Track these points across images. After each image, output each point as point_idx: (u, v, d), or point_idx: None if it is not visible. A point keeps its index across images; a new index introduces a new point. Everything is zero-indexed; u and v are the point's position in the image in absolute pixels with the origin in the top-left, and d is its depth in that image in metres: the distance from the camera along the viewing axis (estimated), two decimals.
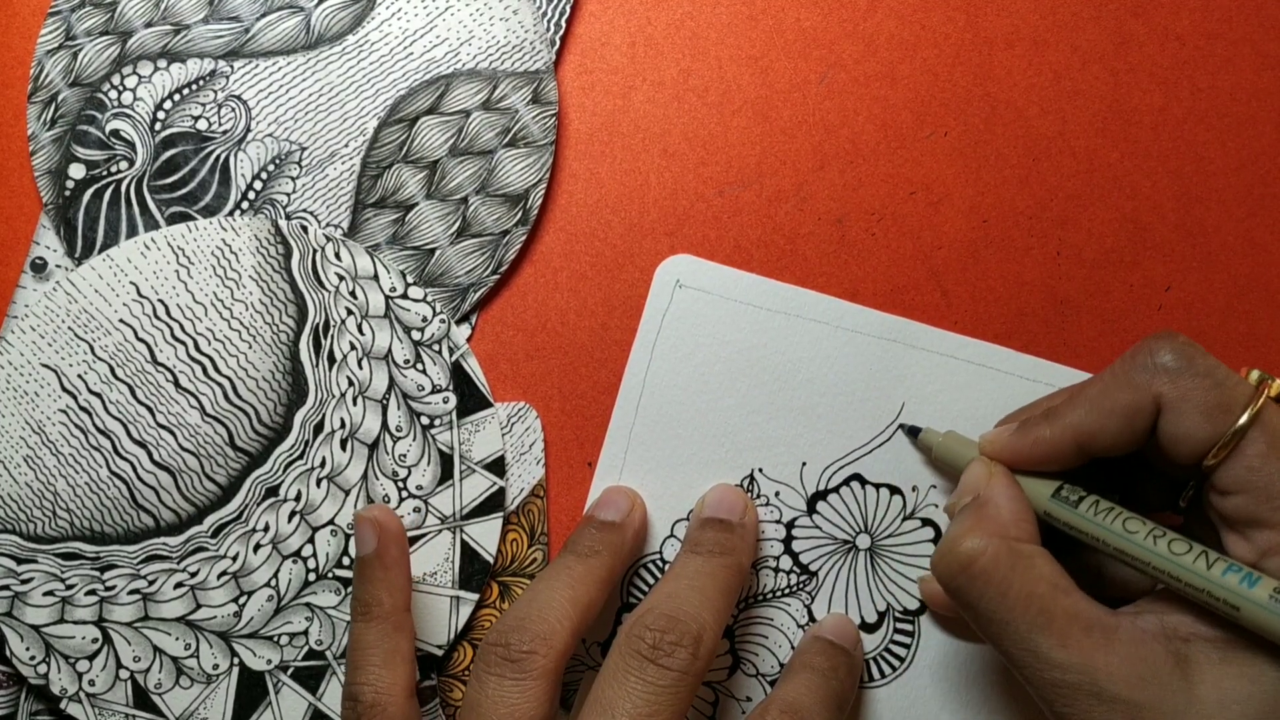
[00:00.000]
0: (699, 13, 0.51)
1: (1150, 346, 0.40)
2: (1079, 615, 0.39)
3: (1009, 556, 0.39)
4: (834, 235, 0.50)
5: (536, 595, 0.44)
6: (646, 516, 0.49)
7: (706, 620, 0.42)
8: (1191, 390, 0.39)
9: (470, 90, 0.50)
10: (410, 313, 0.50)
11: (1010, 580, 0.39)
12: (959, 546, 0.40)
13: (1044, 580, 0.39)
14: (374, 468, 0.49)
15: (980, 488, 0.42)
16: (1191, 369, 0.39)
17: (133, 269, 0.50)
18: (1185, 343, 0.40)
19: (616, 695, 0.40)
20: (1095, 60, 0.51)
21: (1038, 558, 0.40)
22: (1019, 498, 0.42)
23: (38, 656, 0.48)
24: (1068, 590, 0.39)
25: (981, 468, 0.43)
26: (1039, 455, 0.42)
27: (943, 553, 0.41)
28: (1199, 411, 0.39)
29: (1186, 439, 0.39)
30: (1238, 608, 0.37)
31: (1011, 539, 0.40)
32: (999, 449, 0.43)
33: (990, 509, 0.41)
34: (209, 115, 0.50)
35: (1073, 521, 0.41)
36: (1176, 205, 0.50)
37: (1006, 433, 0.43)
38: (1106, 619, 0.39)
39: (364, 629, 0.45)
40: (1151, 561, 0.39)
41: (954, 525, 0.42)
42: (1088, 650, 0.38)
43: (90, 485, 0.49)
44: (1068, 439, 0.41)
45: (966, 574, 0.40)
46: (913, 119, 0.50)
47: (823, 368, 0.49)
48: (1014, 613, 0.39)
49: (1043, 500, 0.42)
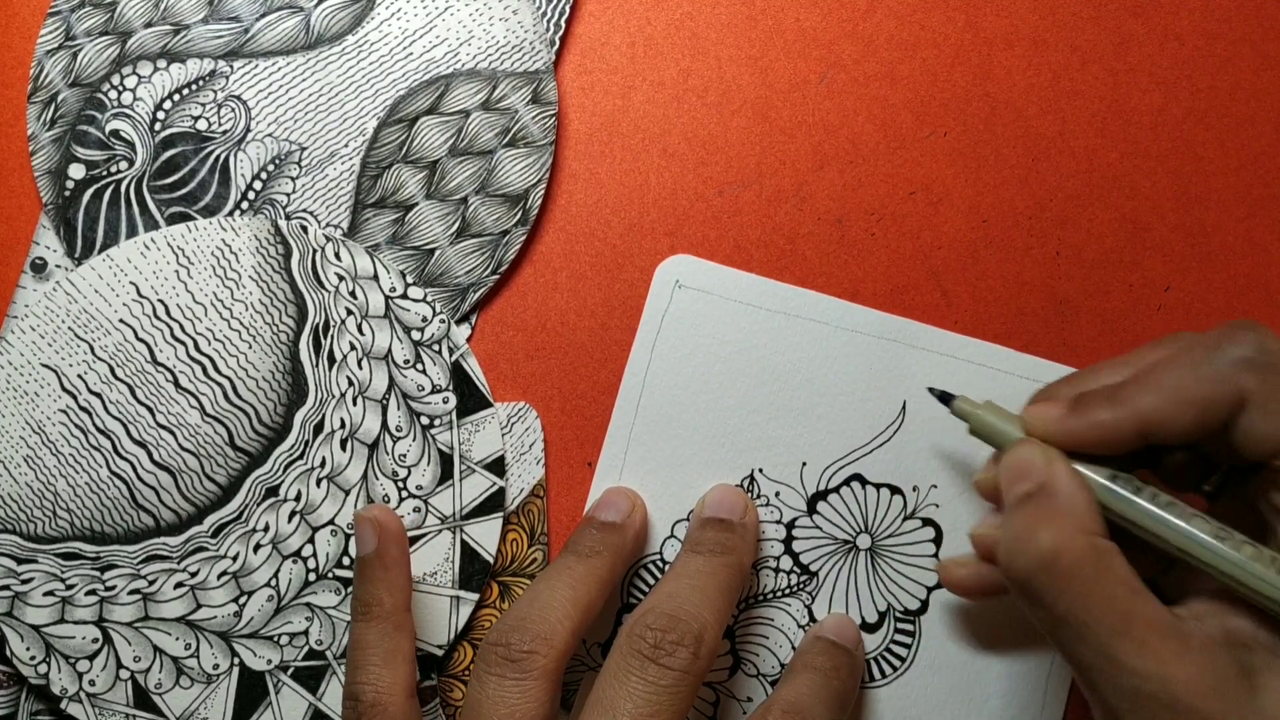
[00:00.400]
0: (699, 13, 0.51)
1: (1233, 336, 0.37)
2: (1156, 621, 0.36)
3: (1093, 555, 0.37)
4: (834, 235, 0.50)
5: (537, 595, 0.44)
6: (647, 518, 0.49)
7: (708, 620, 0.42)
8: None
9: (470, 90, 0.50)
10: (410, 313, 0.50)
11: (1095, 581, 0.36)
12: (1037, 540, 0.37)
13: (1123, 582, 0.36)
14: (374, 468, 0.49)
15: (1039, 475, 0.39)
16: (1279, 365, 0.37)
17: (133, 269, 0.50)
18: (1268, 334, 0.37)
19: (617, 695, 0.40)
20: (1095, 60, 0.51)
21: (1115, 556, 0.37)
22: (1085, 488, 0.39)
23: (38, 656, 0.48)
24: (1141, 592, 0.36)
25: (1037, 451, 0.40)
26: (1095, 439, 0.39)
27: (1016, 546, 0.37)
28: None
29: (1269, 438, 0.37)
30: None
31: (1092, 534, 0.37)
32: (1049, 429, 0.40)
33: (1062, 500, 0.38)
34: (209, 115, 0.50)
35: (1130, 514, 0.38)
36: (1176, 205, 0.50)
37: (1055, 411, 0.40)
38: (1180, 625, 0.36)
39: (364, 629, 0.45)
40: (1217, 565, 0.37)
41: (1019, 516, 0.38)
42: (1165, 659, 0.35)
43: (90, 485, 0.49)
44: (1132, 425, 0.38)
45: (1048, 572, 0.37)
46: (912, 119, 0.50)
47: (822, 368, 0.49)
48: (1094, 615, 0.36)
49: (1098, 487, 0.39)
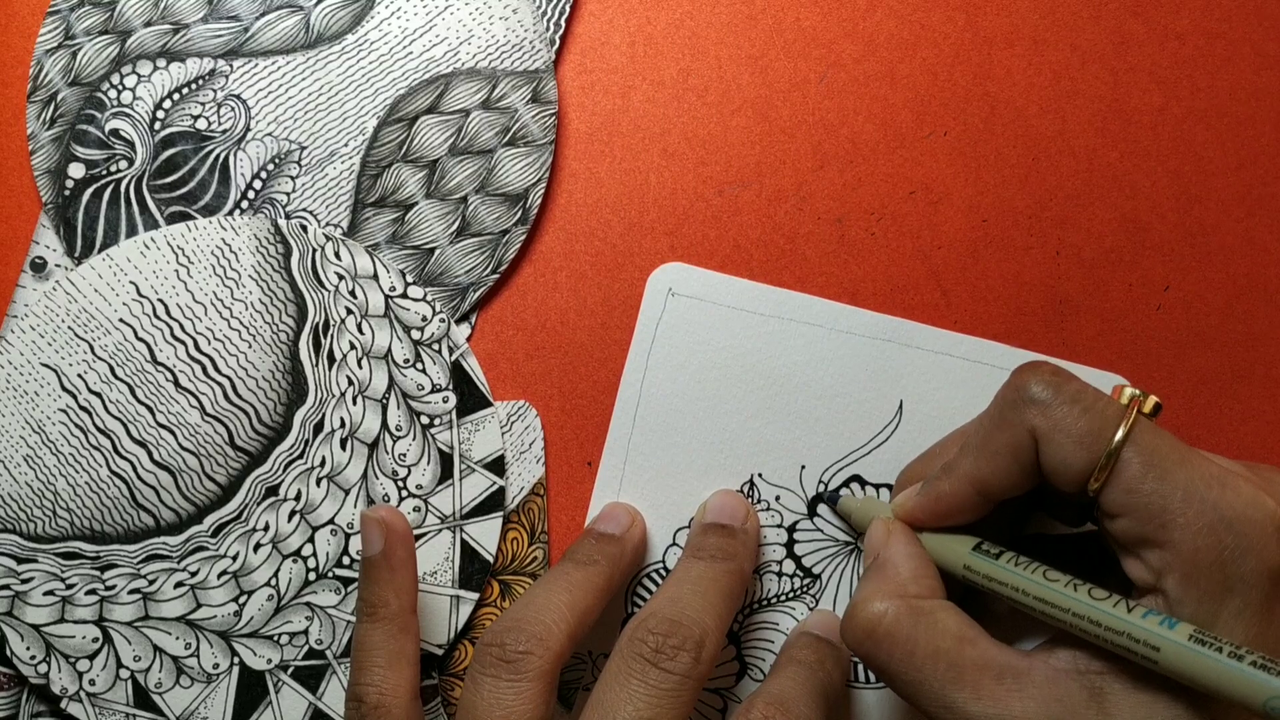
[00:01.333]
0: (698, 12, 0.51)
1: (1018, 381, 0.40)
2: (989, 664, 0.38)
3: (910, 615, 0.39)
4: (833, 235, 0.50)
5: (533, 598, 0.44)
6: (646, 534, 0.49)
7: (709, 625, 0.42)
8: (1062, 419, 0.38)
9: (470, 89, 0.50)
10: (410, 312, 0.50)
11: (915, 639, 0.39)
12: (860, 612, 0.40)
13: (949, 634, 0.39)
14: (374, 467, 0.49)
15: (879, 548, 0.42)
16: (1060, 397, 0.39)
17: (132, 268, 0.50)
18: (1052, 371, 0.39)
19: (618, 698, 0.40)
20: (1095, 60, 0.51)
21: (940, 612, 0.40)
22: (917, 554, 0.42)
23: (38, 656, 0.49)
24: (974, 640, 0.39)
25: (880, 528, 0.43)
26: (945, 510, 0.42)
27: (847, 620, 0.41)
28: (1072, 440, 0.38)
29: (1065, 469, 0.38)
30: (1158, 649, 0.36)
31: (911, 597, 0.40)
32: (909, 511, 0.43)
33: (889, 569, 0.41)
34: (208, 114, 0.50)
35: (993, 574, 0.40)
36: (1176, 205, 0.50)
37: (913, 493, 0.43)
38: (1018, 663, 0.38)
39: (369, 630, 0.45)
40: (1072, 608, 0.38)
41: (857, 590, 0.42)
42: (1001, 698, 0.37)
43: (90, 485, 0.49)
44: (966, 489, 0.41)
45: (872, 639, 0.40)
46: (912, 118, 0.50)
47: (818, 370, 0.49)
48: (923, 671, 0.38)
49: (963, 556, 0.41)
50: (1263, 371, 0.49)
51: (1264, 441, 0.49)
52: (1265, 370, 0.49)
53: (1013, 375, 0.40)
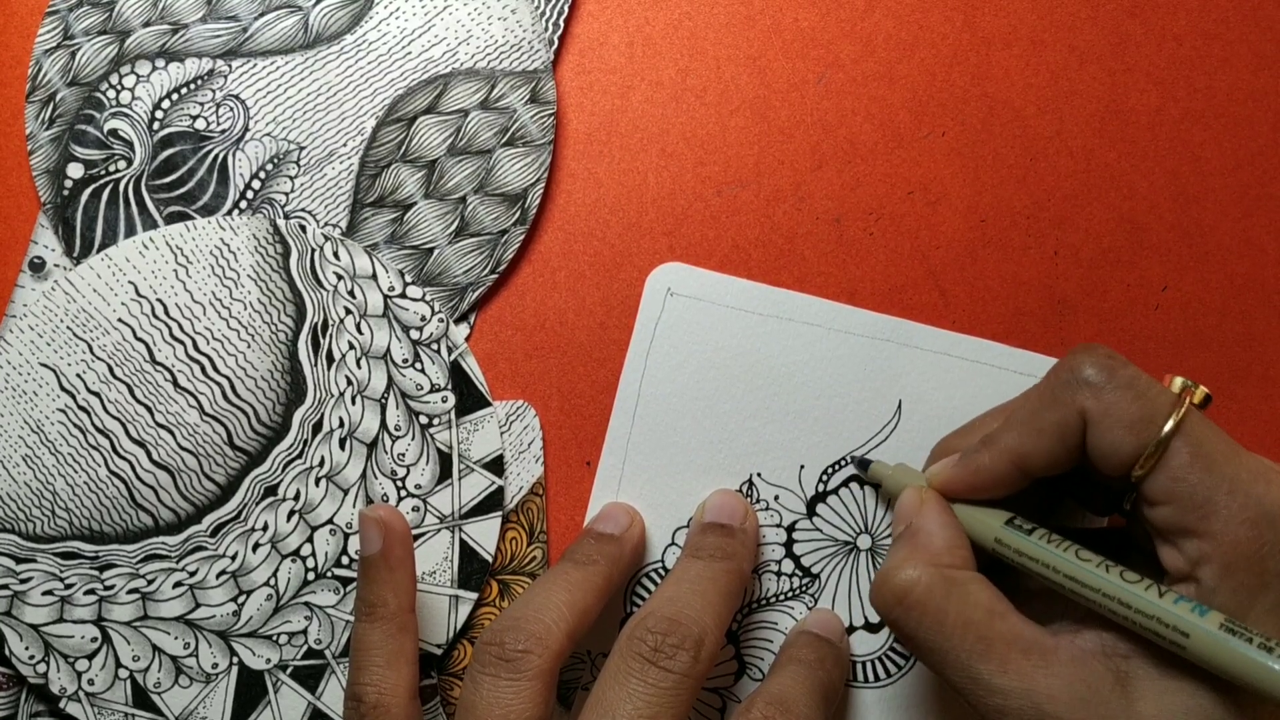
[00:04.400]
0: (697, 13, 0.51)
1: (1072, 362, 0.40)
2: (1017, 638, 0.38)
3: (943, 585, 0.39)
4: (832, 235, 0.50)
5: (532, 597, 0.44)
6: (645, 534, 0.49)
7: (708, 624, 0.42)
8: (1114, 404, 0.38)
9: (468, 90, 0.50)
10: (409, 312, 0.50)
11: (946, 609, 0.39)
12: (893, 578, 0.40)
13: (980, 606, 0.39)
14: (373, 467, 0.49)
15: (912, 516, 0.42)
16: (1113, 382, 0.39)
17: (131, 268, 0.50)
18: (1107, 354, 0.39)
19: (617, 697, 0.40)
20: (1093, 60, 0.51)
21: (972, 584, 0.40)
22: (951, 524, 0.42)
23: (37, 656, 0.49)
24: (1004, 614, 0.39)
25: (913, 495, 0.43)
26: (983, 483, 0.42)
27: (878, 585, 0.41)
28: (1122, 425, 0.38)
29: (1113, 453, 0.39)
30: (1187, 634, 0.36)
31: (945, 566, 0.40)
32: (945, 481, 0.43)
33: (922, 537, 0.41)
34: (207, 114, 0.50)
35: (1025, 548, 0.40)
36: (1173, 205, 0.50)
37: (950, 464, 0.43)
38: (1045, 640, 0.38)
39: (368, 629, 0.45)
40: (1103, 589, 0.38)
41: (888, 556, 0.41)
42: (1027, 673, 0.38)
43: (89, 484, 0.49)
44: (1006, 463, 0.41)
45: (902, 605, 0.40)
46: (910, 119, 0.51)
47: (817, 370, 0.49)
48: (952, 641, 0.39)
49: (995, 529, 0.41)
50: (1260, 371, 0.49)
51: (1262, 441, 0.49)
52: (1262, 370, 0.49)
53: (1067, 355, 0.40)
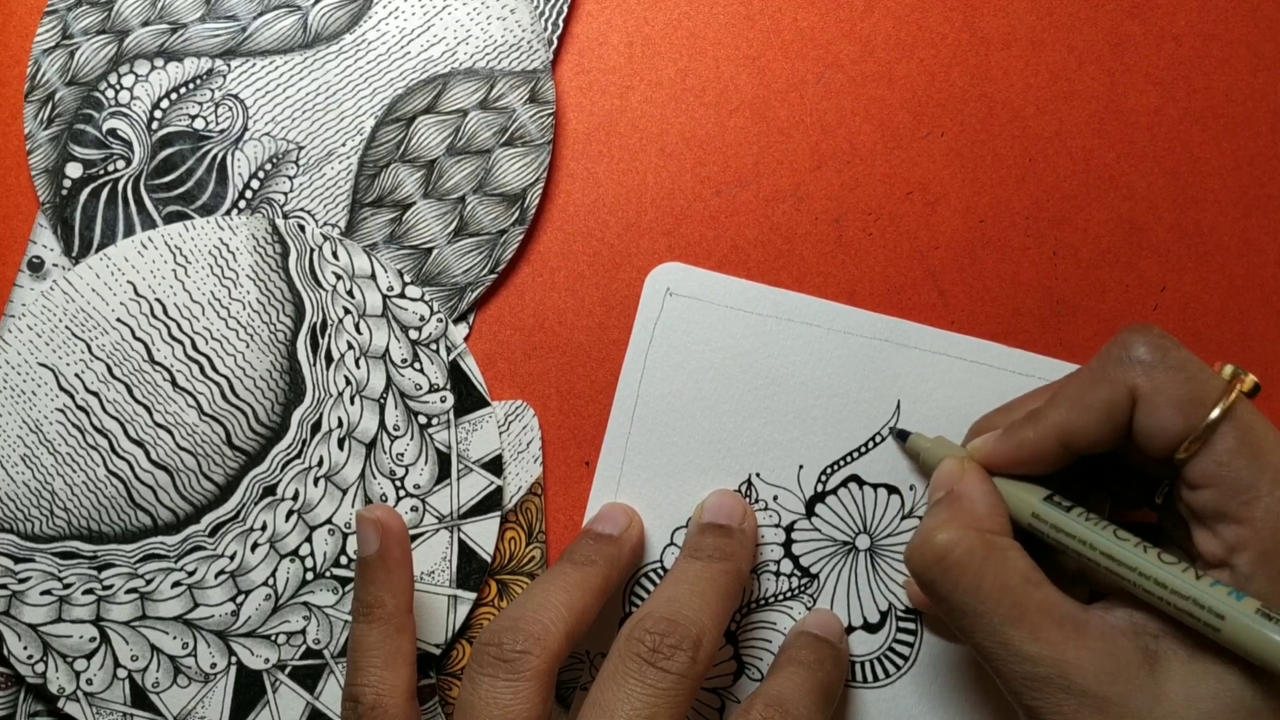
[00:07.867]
0: (696, 13, 0.51)
1: (1125, 340, 0.40)
2: (1051, 609, 0.39)
3: (983, 548, 0.40)
4: (831, 235, 0.50)
5: (531, 598, 0.44)
6: (644, 535, 0.49)
7: (706, 624, 0.42)
8: (1165, 384, 0.39)
9: (467, 89, 0.50)
10: (408, 312, 0.50)
11: (984, 572, 0.39)
12: (933, 539, 0.40)
13: (1017, 573, 0.39)
14: (372, 467, 0.49)
15: (954, 482, 0.43)
16: (1165, 362, 0.39)
17: (130, 268, 0.49)
18: (1160, 335, 0.40)
19: (616, 697, 0.40)
20: (1092, 61, 0.51)
21: (1011, 550, 0.40)
22: (992, 492, 0.42)
23: (35, 655, 0.49)
24: (1040, 583, 0.39)
25: (955, 463, 0.44)
26: (1025, 457, 0.42)
27: (917, 545, 0.41)
28: (1172, 405, 0.39)
29: (1160, 432, 0.39)
30: (1223, 617, 0.36)
31: (986, 531, 0.40)
32: (987, 454, 0.43)
33: (965, 502, 0.42)
34: (206, 114, 0.50)
35: (1062, 524, 0.41)
36: (1172, 205, 0.50)
37: (993, 438, 0.43)
38: (1078, 613, 0.39)
39: (366, 630, 0.45)
40: (1140, 568, 0.39)
41: (927, 518, 0.42)
42: (1058, 643, 0.38)
43: (88, 484, 0.49)
44: (1052, 439, 0.41)
45: (940, 565, 0.40)
46: (910, 119, 0.51)
47: (816, 370, 0.49)
48: (986, 604, 0.39)
49: (1033, 504, 0.42)
50: (1259, 371, 0.49)
51: None
52: (1261, 370, 0.49)
53: (1120, 333, 0.40)
